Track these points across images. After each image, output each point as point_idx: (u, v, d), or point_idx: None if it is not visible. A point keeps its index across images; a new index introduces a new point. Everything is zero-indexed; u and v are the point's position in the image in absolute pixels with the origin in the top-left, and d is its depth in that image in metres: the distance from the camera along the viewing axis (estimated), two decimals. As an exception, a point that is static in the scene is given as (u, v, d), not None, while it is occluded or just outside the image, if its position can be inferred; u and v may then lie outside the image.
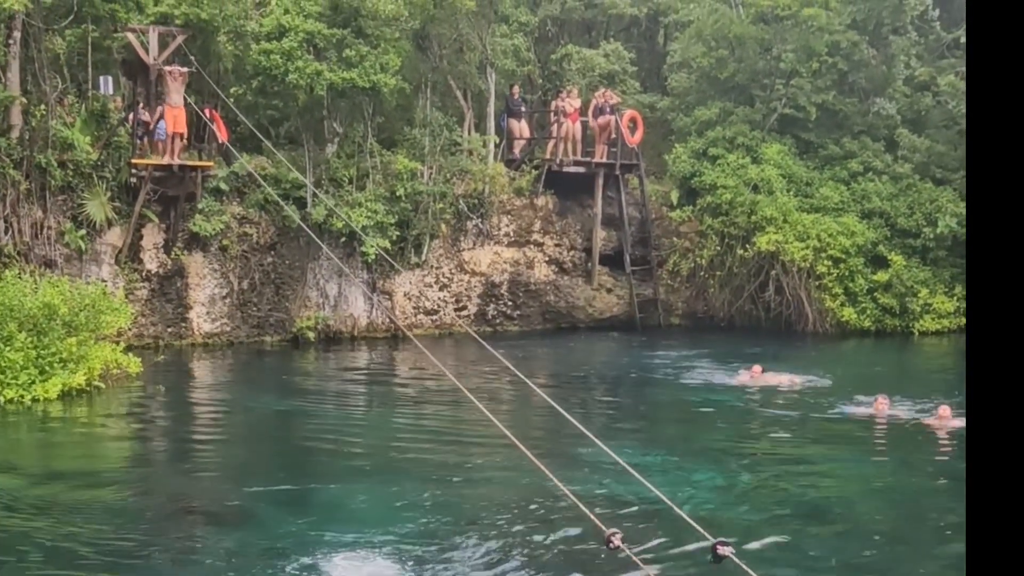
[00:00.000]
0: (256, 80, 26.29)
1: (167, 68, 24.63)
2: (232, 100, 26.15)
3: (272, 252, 26.74)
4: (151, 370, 22.19)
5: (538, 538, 11.73)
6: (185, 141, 25.50)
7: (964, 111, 32.56)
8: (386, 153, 27.87)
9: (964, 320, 30.82)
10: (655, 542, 11.46)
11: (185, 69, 24.88)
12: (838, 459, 16.20)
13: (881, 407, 18.61)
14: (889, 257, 30.84)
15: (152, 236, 25.53)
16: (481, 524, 12.37)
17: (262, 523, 12.54)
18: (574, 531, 11.81)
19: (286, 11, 25.99)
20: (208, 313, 26.14)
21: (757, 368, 22.43)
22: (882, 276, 30.64)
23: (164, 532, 12.21)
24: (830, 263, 30.33)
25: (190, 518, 12.90)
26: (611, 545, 7.87)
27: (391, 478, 14.44)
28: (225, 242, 25.95)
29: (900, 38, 34.48)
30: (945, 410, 17.74)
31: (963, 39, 34.58)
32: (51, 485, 14.14)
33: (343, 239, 26.28)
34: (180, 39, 25.34)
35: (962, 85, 33.06)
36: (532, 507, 12.89)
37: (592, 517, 9.25)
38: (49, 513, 12.72)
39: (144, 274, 25.44)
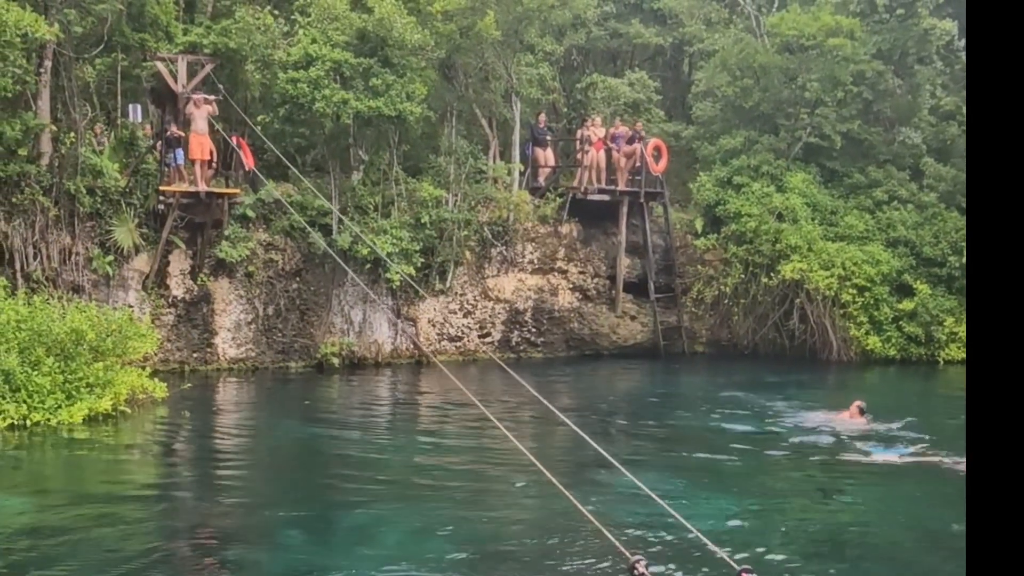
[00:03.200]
0: (283, 108, 26.49)
1: (192, 96, 24.84)
2: (259, 128, 26.36)
3: (297, 278, 26.88)
4: (176, 395, 22.29)
5: (563, 565, 11.73)
6: (214, 168, 25.72)
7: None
8: (411, 181, 28.02)
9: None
10: (680, 570, 11.43)
11: (212, 97, 25.10)
12: (866, 491, 16.06)
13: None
14: (915, 286, 30.75)
15: (179, 262, 25.71)
16: (505, 551, 12.37)
17: (286, 549, 12.57)
18: (599, 558, 11.78)
19: (313, 40, 26.20)
20: (233, 339, 26.28)
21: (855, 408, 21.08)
22: (907, 305, 30.53)
23: (187, 557, 12.28)
24: (855, 291, 30.26)
25: (214, 543, 12.95)
26: (636, 572, 7.87)
27: (415, 505, 14.46)
28: (251, 268, 26.11)
29: (926, 67, 34.45)
30: None
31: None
32: (75, 508, 14.20)
33: (368, 266, 26.39)
34: (208, 67, 25.60)
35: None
36: (557, 534, 12.88)
37: (617, 544, 9.24)
38: (72, 536, 12.78)
39: (170, 300, 25.60)
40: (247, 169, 25.98)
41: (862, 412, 20.73)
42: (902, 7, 33.22)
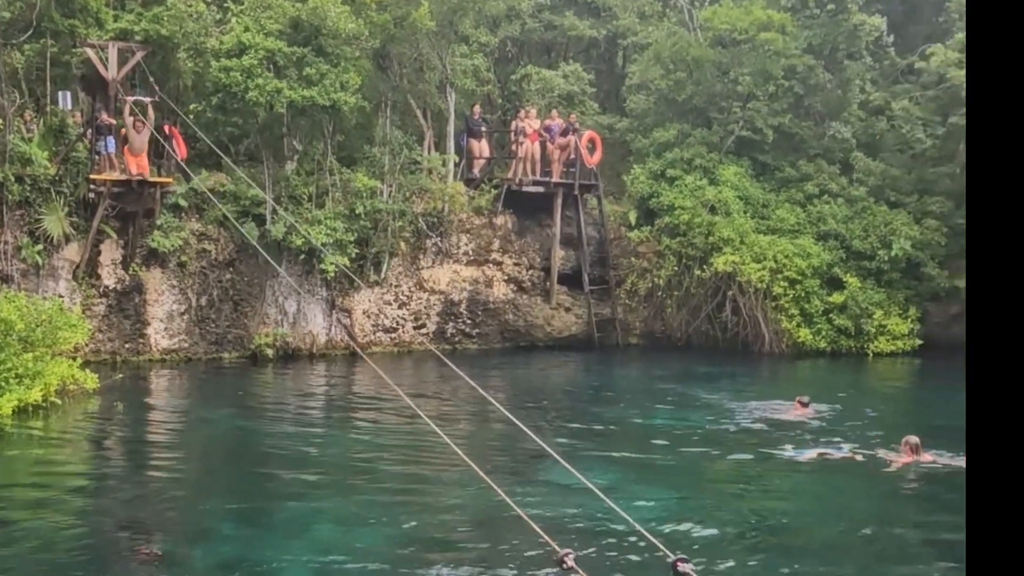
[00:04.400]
0: (216, 97, 26.27)
1: (132, 118, 24.28)
2: (191, 117, 26.09)
3: (231, 268, 26.68)
4: (108, 386, 22.02)
5: (492, 559, 11.71)
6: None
7: (917, 136, 33.09)
8: (346, 171, 27.92)
9: (918, 342, 31.25)
10: (612, 561, 11.51)
11: (147, 100, 24.66)
12: (798, 479, 16.28)
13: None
14: (844, 279, 31.19)
15: (110, 252, 25.39)
16: (436, 544, 12.38)
17: (220, 541, 12.49)
18: (530, 551, 11.77)
19: (246, 29, 26.00)
20: (166, 329, 26.03)
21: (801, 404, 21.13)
22: (837, 298, 30.97)
23: (120, 551, 12.17)
24: (786, 284, 30.63)
25: (146, 536, 12.81)
26: (565, 565, 7.87)
27: (349, 496, 14.46)
28: (183, 258, 25.87)
29: (855, 63, 34.98)
30: (911, 441, 16.80)
31: (917, 65, 35.14)
32: (4, 500, 14.03)
33: (302, 256, 26.29)
34: (140, 55, 25.28)
35: (915, 110, 33.59)
36: (488, 527, 12.91)
37: (545, 536, 9.26)
38: (2, 528, 12.62)
39: (102, 290, 25.29)
40: (179, 158, 25.72)
41: (805, 405, 20.96)
42: (832, 3, 33.67)
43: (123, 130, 24.49)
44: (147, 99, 24.67)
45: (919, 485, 15.87)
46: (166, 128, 25.79)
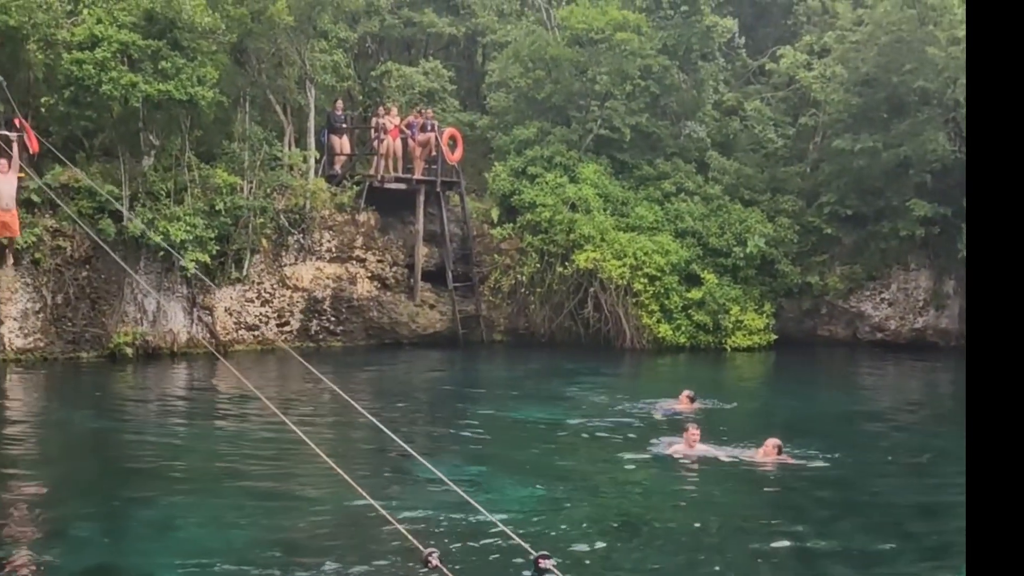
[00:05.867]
0: (68, 90, 25.52)
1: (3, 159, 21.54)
2: (43, 110, 25.35)
3: (87, 266, 26.00)
4: (-43, 388, 21.31)
5: (357, 559, 11.60)
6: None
7: (769, 136, 34.05)
8: (205, 167, 27.46)
9: (773, 337, 32.16)
10: (476, 559, 11.56)
11: (13, 135, 22.10)
12: (653, 472, 16.48)
13: (692, 438, 16.90)
14: (702, 275, 31.92)
15: (-43, 250, 24.54)
16: (298, 546, 12.26)
17: (78, 546, 12.19)
18: (394, 552, 11.71)
19: (99, 20, 25.35)
20: (20, 328, 25.24)
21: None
22: (696, 294, 31.67)
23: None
24: (646, 281, 31.19)
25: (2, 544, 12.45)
26: (430, 564, 7.90)
27: (210, 498, 14.24)
28: (37, 255, 25.11)
29: (709, 64, 35.86)
30: (772, 442, 16.59)
31: (767, 66, 36.15)
32: None
33: (161, 253, 25.75)
34: (-13, 47, 24.45)
35: (766, 110, 34.57)
36: (352, 527, 12.81)
37: (409, 536, 9.28)
38: None
39: (-50, 288, 24.43)
40: (31, 152, 24.92)
41: (692, 400, 21.02)
42: (686, 4, 34.46)
43: None
44: (13, 133, 21.66)
45: (781, 484, 16.15)
46: (16, 121, 24.96)
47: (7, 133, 21.35)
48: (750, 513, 14.36)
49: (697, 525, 13.49)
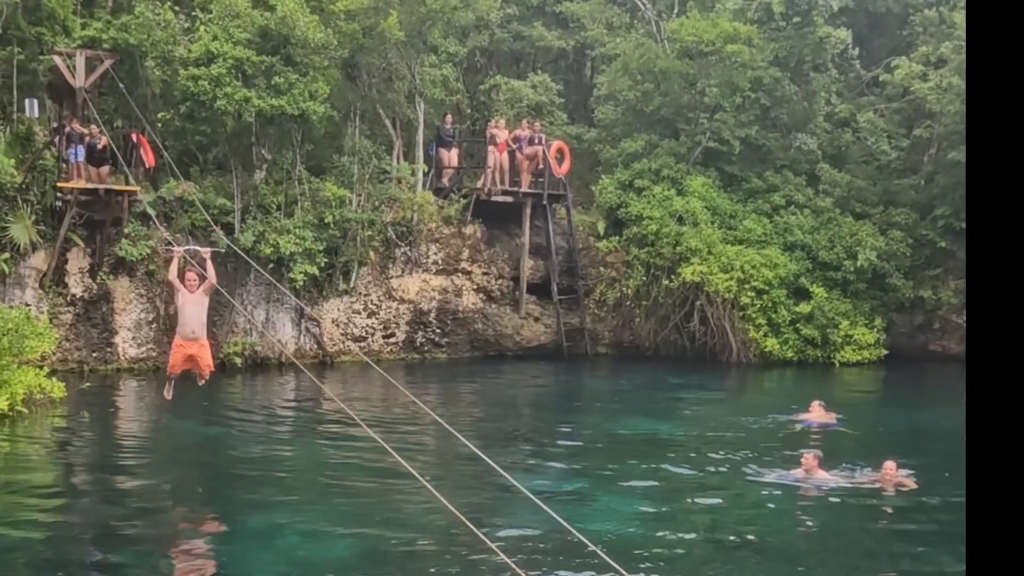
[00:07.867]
0: (184, 105, 26.21)
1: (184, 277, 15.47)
2: (160, 125, 26.02)
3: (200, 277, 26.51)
4: (75, 395, 21.94)
5: (443, 570, 11.67)
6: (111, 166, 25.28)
7: (882, 148, 33.40)
8: (315, 180, 27.91)
9: (883, 352, 31.51)
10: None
11: (207, 251, 15.32)
12: (765, 495, 15.98)
13: (809, 464, 16.31)
14: (811, 289, 31.43)
15: (77, 260, 25.30)
16: (395, 563, 12.27)
17: (187, 552, 12.49)
18: (487, 568, 11.74)
19: (215, 37, 25.96)
20: (134, 338, 25.93)
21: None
22: (804, 308, 31.19)
23: (85, 561, 12.13)
24: (753, 294, 30.81)
25: (112, 547, 12.78)
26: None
27: (314, 509, 14.43)
28: (151, 267, 25.76)
29: (821, 75, 35.30)
30: (890, 466, 16.15)
31: (881, 77, 35.47)
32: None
33: (271, 265, 26.21)
34: (108, 63, 25.24)
35: (880, 122, 33.91)
36: (448, 546, 12.76)
37: (507, 560, 9.24)
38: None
39: (69, 298, 25.18)
40: (147, 166, 25.63)
41: (827, 411, 21.16)
42: (798, 15, 33.95)
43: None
44: (206, 249, 15.48)
45: (900, 509, 15.44)
46: (133, 136, 25.70)
47: (198, 248, 16.01)
48: (868, 539, 13.97)
49: (811, 550, 13.19)
